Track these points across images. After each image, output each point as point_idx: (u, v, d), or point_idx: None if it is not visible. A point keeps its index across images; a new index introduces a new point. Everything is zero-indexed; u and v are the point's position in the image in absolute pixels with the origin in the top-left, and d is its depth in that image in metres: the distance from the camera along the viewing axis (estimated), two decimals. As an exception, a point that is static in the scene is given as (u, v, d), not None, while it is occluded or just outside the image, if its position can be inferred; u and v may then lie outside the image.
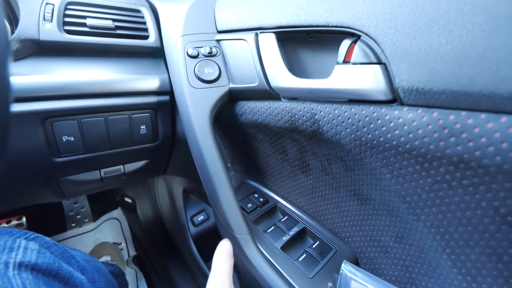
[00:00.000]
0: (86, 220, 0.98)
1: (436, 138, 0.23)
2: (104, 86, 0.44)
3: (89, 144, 0.45)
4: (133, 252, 0.97)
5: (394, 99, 0.26)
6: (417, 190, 0.27)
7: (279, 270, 0.36)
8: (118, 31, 0.49)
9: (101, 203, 1.02)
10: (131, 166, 0.56)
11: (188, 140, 0.42)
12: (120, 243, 0.99)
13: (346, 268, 0.36)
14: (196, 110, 0.40)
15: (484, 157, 0.21)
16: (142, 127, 0.50)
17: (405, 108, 0.25)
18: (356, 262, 0.40)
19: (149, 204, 0.95)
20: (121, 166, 0.55)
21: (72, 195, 0.55)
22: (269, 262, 0.37)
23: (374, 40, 0.25)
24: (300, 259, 0.38)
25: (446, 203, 0.25)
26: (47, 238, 0.36)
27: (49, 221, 0.91)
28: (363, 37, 0.26)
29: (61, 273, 0.32)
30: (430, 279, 0.31)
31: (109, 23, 0.48)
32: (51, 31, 0.41)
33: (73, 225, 0.95)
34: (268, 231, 0.43)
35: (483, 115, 0.20)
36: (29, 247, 0.30)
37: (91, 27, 0.45)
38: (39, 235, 0.35)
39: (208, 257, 0.72)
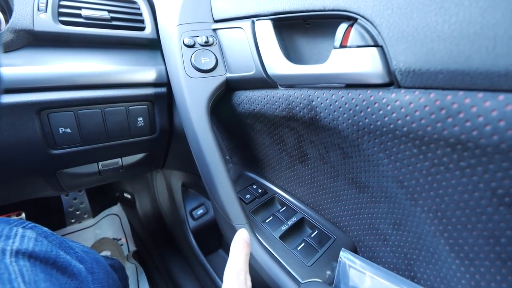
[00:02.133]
0: (86, 216, 0.98)
1: (433, 119, 0.23)
2: (100, 77, 0.44)
3: (86, 136, 0.44)
4: (133, 248, 0.97)
5: (391, 82, 0.25)
6: (414, 174, 0.27)
7: (278, 259, 0.36)
8: (114, 22, 0.48)
9: (100, 199, 1.02)
10: (129, 159, 0.56)
11: (185, 131, 0.42)
12: (120, 239, 0.99)
13: (345, 256, 0.36)
14: (193, 99, 0.39)
15: (481, 137, 0.20)
16: (139, 119, 0.50)
17: (402, 91, 0.24)
18: (354, 251, 0.40)
19: (148, 199, 0.95)
20: (119, 159, 0.54)
21: (70, 189, 0.54)
22: (268, 251, 0.37)
23: (371, 22, 0.25)
24: (298, 248, 0.38)
25: (444, 186, 0.25)
26: (45, 228, 0.35)
27: (49, 217, 0.91)
28: (360, 20, 0.26)
29: (59, 262, 0.31)
30: (428, 265, 0.31)
31: (105, 14, 0.47)
32: (45, 22, 0.40)
33: (73, 220, 0.95)
34: (267, 221, 0.42)
35: (480, 94, 0.20)
36: (26, 235, 0.30)
37: (87, 18, 0.45)
38: (37, 224, 0.35)
39: (207, 251, 0.73)
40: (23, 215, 0.84)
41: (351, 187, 0.37)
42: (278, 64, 0.34)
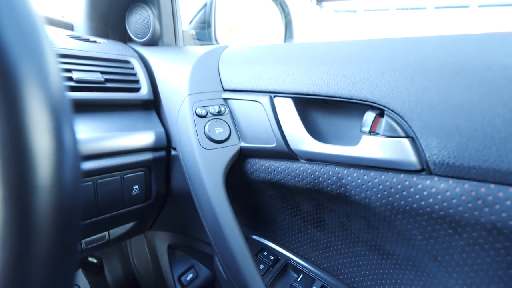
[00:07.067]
0: (37, 293, 0.80)
1: (470, 207, 0.25)
2: (93, 146, 0.39)
3: None
4: (99, 325, 0.81)
5: (422, 168, 0.28)
6: (449, 251, 0.29)
7: None
8: (108, 85, 0.45)
9: (57, 268, 0.85)
10: (116, 231, 0.49)
11: (198, 201, 0.39)
12: (81, 315, 0.83)
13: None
14: (209, 171, 0.38)
15: (518, 226, 0.23)
16: (135, 187, 0.45)
17: (436, 178, 0.27)
18: (378, 317, 0.40)
19: (120, 263, 0.83)
20: (106, 233, 0.47)
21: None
22: None
23: (401, 116, 0.28)
24: None
25: (479, 263, 0.27)
26: None
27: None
28: (388, 112, 0.29)
29: None
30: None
31: (98, 76, 0.44)
32: None
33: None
34: (287, 295, 0.40)
35: (511, 189, 0.23)
36: None
37: (79, 81, 0.41)
38: None
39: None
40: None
41: (373, 253, 0.38)
42: (302, 141, 0.35)
